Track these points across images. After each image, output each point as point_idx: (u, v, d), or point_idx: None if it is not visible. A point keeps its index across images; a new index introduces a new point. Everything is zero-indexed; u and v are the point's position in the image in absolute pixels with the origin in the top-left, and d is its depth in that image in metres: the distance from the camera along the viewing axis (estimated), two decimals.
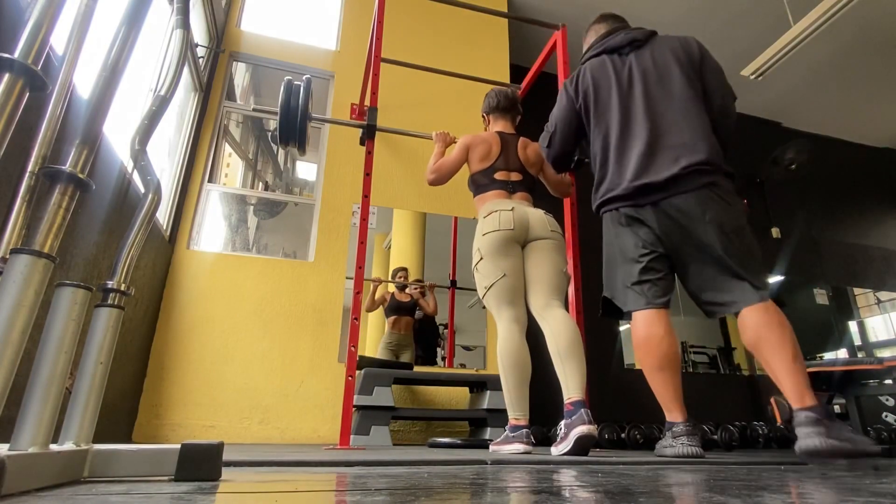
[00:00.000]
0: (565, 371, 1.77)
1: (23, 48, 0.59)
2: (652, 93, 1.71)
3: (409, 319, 3.20)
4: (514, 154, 2.19)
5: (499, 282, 1.92)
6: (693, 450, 1.53)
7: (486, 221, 2.01)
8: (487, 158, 2.16)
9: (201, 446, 0.79)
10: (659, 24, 2.11)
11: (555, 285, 1.95)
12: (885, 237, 5.60)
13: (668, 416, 1.64)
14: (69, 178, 0.67)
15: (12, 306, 0.57)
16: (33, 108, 0.74)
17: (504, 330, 1.92)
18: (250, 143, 3.95)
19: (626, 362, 4.07)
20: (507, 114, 2.31)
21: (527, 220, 2.00)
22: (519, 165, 2.17)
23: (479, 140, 2.21)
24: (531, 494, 0.69)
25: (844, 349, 4.87)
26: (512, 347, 1.87)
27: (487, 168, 2.15)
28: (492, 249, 1.95)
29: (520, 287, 1.96)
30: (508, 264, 1.95)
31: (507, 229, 1.95)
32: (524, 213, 2.01)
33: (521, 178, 2.16)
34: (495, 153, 2.17)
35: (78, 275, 1.62)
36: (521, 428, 1.78)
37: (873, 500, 0.62)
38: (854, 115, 5.60)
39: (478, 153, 2.18)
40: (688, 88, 1.69)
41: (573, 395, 1.73)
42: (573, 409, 1.69)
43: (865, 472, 1.15)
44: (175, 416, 2.60)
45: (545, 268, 1.96)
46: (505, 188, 2.11)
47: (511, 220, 1.97)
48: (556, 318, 1.86)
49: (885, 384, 2.10)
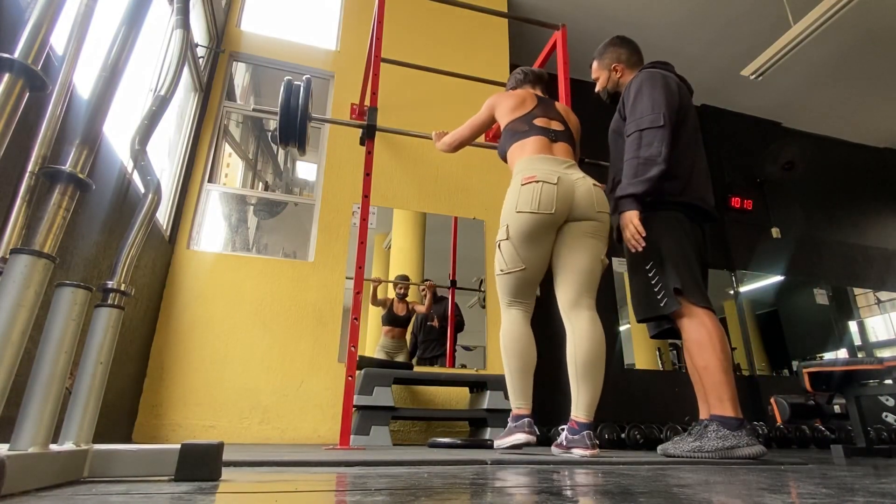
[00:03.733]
0: (579, 388, 1.68)
1: (23, 48, 0.59)
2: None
3: (402, 330, 3.27)
4: (553, 108, 2.00)
5: (515, 274, 1.77)
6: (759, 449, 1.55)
7: (524, 192, 1.73)
8: (523, 107, 1.95)
9: (201, 446, 0.79)
10: (659, 25, 2.12)
11: (590, 281, 1.77)
12: (885, 237, 5.60)
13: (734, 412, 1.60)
14: (69, 178, 0.67)
15: (12, 306, 0.57)
16: (33, 108, 0.74)
17: (508, 315, 1.83)
18: (250, 143, 3.95)
19: (626, 362, 4.08)
20: (537, 85, 2.16)
21: (572, 195, 1.74)
22: (560, 118, 1.97)
23: (508, 95, 2.02)
24: (531, 495, 0.68)
25: (844, 349, 4.87)
26: (516, 335, 1.78)
27: (526, 114, 1.93)
28: (522, 235, 1.73)
29: (536, 280, 1.82)
30: (534, 256, 1.75)
31: (546, 213, 1.71)
32: (570, 185, 1.75)
33: (563, 128, 1.94)
34: (531, 104, 1.96)
35: (78, 275, 1.62)
36: (522, 417, 1.71)
37: (873, 500, 0.62)
38: (854, 115, 5.60)
39: (509, 105, 1.97)
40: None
41: (581, 416, 1.65)
42: (578, 429, 1.63)
43: (865, 472, 1.15)
44: (175, 416, 2.60)
45: (584, 258, 1.76)
46: (546, 135, 1.88)
47: (553, 199, 1.71)
48: (583, 327, 1.71)
49: (885, 384, 2.10)
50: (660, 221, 1.78)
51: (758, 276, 4.87)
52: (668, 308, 1.69)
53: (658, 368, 4.16)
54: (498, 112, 2.01)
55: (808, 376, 2.21)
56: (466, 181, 3.57)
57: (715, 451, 1.56)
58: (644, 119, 1.76)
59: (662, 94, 1.80)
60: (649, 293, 1.75)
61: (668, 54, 4.51)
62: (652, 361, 4.16)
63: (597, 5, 4.30)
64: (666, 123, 1.74)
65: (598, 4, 4.30)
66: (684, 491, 0.72)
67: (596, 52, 2.15)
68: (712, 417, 1.64)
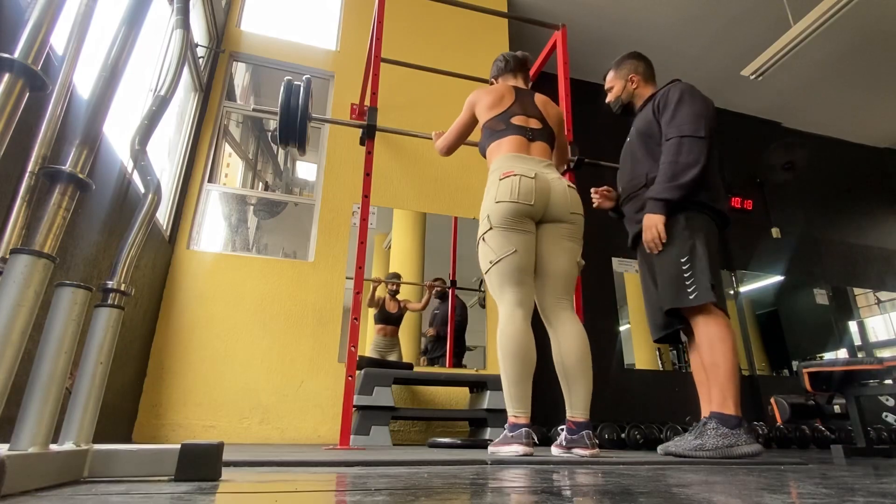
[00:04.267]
0: (571, 389, 1.67)
1: (23, 48, 0.59)
2: None
3: (395, 328, 3.28)
4: (531, 103, 1.97)
5: (508, 257, 1.69)
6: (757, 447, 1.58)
7: (502, 185, 1.73)
8: (500, 104, 1.93)
9: (201, 446, 0.79)
10: (659, 25, 2.12)
11: (567, 282, 1.78)
12: (885, 237, 5.60)
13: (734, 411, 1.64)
14: (69, 178, 0.67)
15: (12, 306, 0.57)
16: (33, 108, 0.74)
17: (506, 314, 1.69)
18: (250, 143, 3.95)
19: (626, 362, 4.08)
20: (518, 74, 2.13)
21: (548, 193, 1.75)
22: (538, 114, 1.95)
23: (487, 91, 2.00)
24: (531, 495, 0.68)
25: (844, 349, 4.87)
26: (514, 334, 1.64)
27: (503, 112, 1.91)
28: (506, 220, 1.71)
29: (530, 266, 1.74)
30: (522, 240, 1.71)
31: (525, 203, 1.70)
32: (547, 183, 1.75)
33: (540, 126, 1.92)
34: (508, 101, 1.94)
35: (78, 275, 1.62)
36: (520, 427, 1.59)
37: (873, 500, 0.62)
38: (854, 115, 5.60)
39: (486, 103, 1.95)
40: None
41: (577, 415, 1.64)
42: (576, 429, 1.62)
43: (865, 472, 1.15)
44: (175, 416, 2.60)
45: (560, 260, 1.76)
46: (524, 134, 1.87)
47: (532, 191, 1.71)
48: (566, 330, 1.71)
49: (885, 384, 2.10)
50: (699, 220, 1.83)
51: (758, 276, 4.88)
52: (698, 300, 1.72)
53: (658, 368, 4.16)
54: (477, 110, 2.00)
55: (808, 376, 2.21)
56: (466, 181, 3.57)
57: (715, 450, 1.58)
58: (686, 127, 1.82)
59: (704, 107, 1.87)
60: (680, 285, 1.77)
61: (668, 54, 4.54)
62: (652, 361, 4.16)
63: (597, 5, 4.30)
64: (706, 136, 1.80)
65: (598, 4, 4.30)
66: (684, 491, 0.72)
67: (613, 64, 2.21)
68: (712, 415, 1.66)
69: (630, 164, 2.04)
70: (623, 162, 2.12)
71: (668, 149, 1.82)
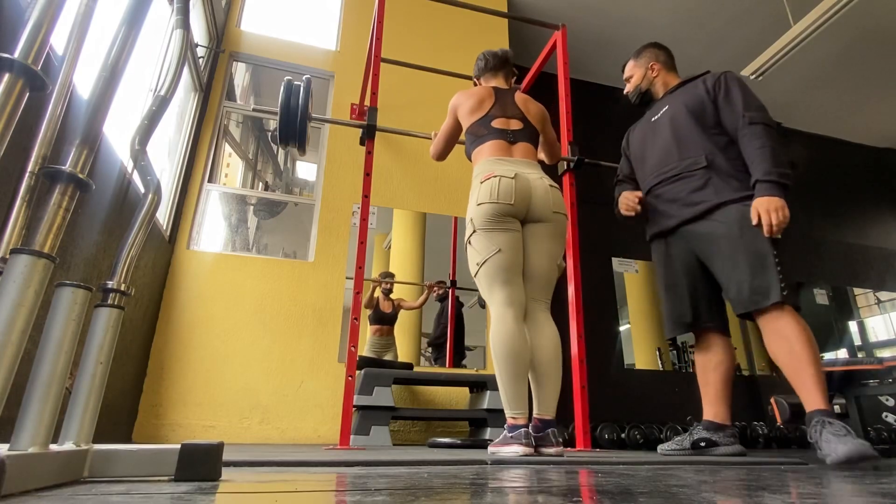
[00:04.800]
0: (541, 388, 1.69)
1: (23, 48, 0.59)
2: None
3: (390, 328, 3.27)
4: (511, 103, 1.97)
5: (493, 257, 1.70)
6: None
7: (482, 188, 1.75)
8: (481, 109, 1.94)
9: (201, 446, 0.79)
10: (659, 25, 2.12)
11: (545, 284, 1.79)
12: (885, 237, 5.60)
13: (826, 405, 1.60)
14: (69, 178, 0.67)
15: (12, 306, 0.57)
16: (33, 108, 0.74)
17: (496, 315, 1.71)
18: (250, 143, 3.95)
19: (626, 362, 4.08)
20: (498, 72, 2.12)
21: (529, 193, 1.75)
22: (519, 114, 1.95)
23: (467, 95, 2.01)
24: (531, 495, 0.68)
25: (844, 349, 4.87)
26: (506, 334, 1.66)
27: (483, 117, 1.92)
28: (488, 221, 1.72)
29: (518, 264, 1.74)
30: (506, 239, 1.72)
31: (505, 203, 1.72)
32: (527, 183, 1.76)
33: (522, 126, 1.92)
34: (488, 104, 1.95)
35: (78, 275, 1.62)
36: (519, 427, 1.60)
37: (873, 500, 0.62)
38: (854, 115, 5.60)
39: (467, 108, 1.96)
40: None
41: (544, 413, 1.66)
42: (542, 426, 1.64)
43: (865, 472, 1.15)
44: (175, 416, 2.60)
45: (539, 261, 1.77)
46: (504, 137, 1.88)
47: (512, 191, 1.72)
48: (539, 332, 1.73)
49: (885, 384, 2.10)
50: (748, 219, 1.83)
51: None
52: (789, 299, 1.68)
53: (658, 368, 4.16)
54: (459, 115, 2.01)
55: None
56: (466, 181, 3.55)
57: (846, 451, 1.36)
58: (766, 114, 1.80)
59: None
60: (772, 280, 1.72)
61: None
62: (652, 361, 4.16)
63: (597, 5, 4.30)
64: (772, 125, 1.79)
65: (598, 4, 4.30)
66: (684, 491, 0.72)
67: (632, 54, 2.19)
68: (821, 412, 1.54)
69: (675, 145, 1.92)
70: (653, 145, 2.00)
71: (759, 132, 1.76)
